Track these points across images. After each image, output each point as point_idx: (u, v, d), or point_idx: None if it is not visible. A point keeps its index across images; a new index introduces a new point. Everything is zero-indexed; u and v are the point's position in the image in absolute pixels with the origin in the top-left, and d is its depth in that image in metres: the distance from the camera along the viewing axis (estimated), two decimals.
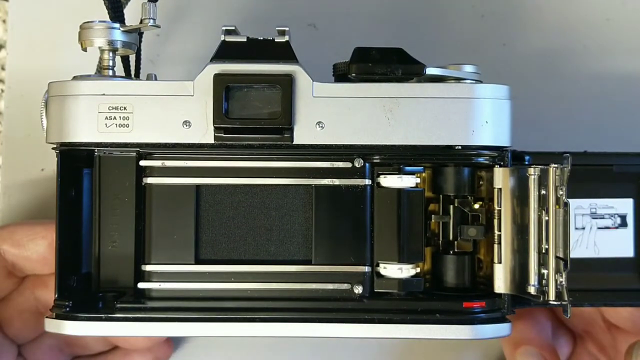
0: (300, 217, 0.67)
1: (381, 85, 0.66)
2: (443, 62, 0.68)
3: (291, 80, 0.65)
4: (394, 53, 0.66)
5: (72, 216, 0.67)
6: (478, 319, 0.66)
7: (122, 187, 0.68)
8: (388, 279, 0.67)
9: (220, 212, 0.67)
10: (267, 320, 0.66)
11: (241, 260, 0.67)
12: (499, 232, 0.68)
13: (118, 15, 0.71)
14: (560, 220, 0.63)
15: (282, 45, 0.67)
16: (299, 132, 0.66)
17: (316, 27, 0.85)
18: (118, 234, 0.68)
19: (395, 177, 0.67)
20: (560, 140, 0.82)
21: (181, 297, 0.67)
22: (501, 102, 0.66)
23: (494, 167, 0.68)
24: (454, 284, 0.69)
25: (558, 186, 0.63)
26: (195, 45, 0.84)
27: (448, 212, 0.69)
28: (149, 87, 0.66)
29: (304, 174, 0.67)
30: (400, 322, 0.66)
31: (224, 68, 0.66)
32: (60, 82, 0.67)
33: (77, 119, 0.66)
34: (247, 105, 0.65)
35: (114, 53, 0.69)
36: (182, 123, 0.66)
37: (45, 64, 0.84)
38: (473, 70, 0.68)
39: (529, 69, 0.85)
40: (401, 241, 0.66)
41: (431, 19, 0.85)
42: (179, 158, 0.67)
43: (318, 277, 0.67)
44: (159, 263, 0.67)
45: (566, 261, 0.62)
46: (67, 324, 0.65)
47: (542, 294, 0.64)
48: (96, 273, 0.68)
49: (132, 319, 0.66)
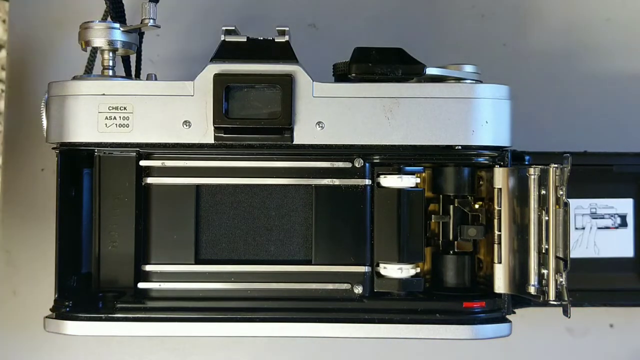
0: (300, 217, 0.67)
1: (381, 85, 0.66)
2: (443, 62, 0.68)
3: (291, 80, 0.65)
4: (394, 53, 0.66)
5: (72, 216, 0.67)
6: (478, 319, 0.66)
7: (122, 187, 0.68)
8: (388, 279, 0.67)
9: (220, 212, 0.68)
10: (267, 320, 0.66)
11: (241, 260, 0.67)
12: (499, 232, 0.68)
13: (118, 15, 0.71)
14: (560, 220, 0.63)
15: (282, 45, 0.67)
16: (299, 132, 0.66)
17: (316, 27, 0.85)
18: (118, 234, 0.68)
19: (395, 177, 0.67)
20: (560, 140, 0.82)
21: (181, 297, 0.67)
22: (501, 102, 0.66)
23: (494, 167, 0.68)
24: (454, 284, 0.69)
25: (558, 186, 0.63)
26: (195, 45, 0.84)
27: (448, 212, 0.69)
28: (149, 87, 0.66)
29: (304, 174, 0.67)
30: (400, 322, 0.66)
31: (224, 68, 0.66)
32: (60, 82, 0.67)
33: (77, 119, 0.66)
34: (247, 105, 0.65)
35: (114, 53, 0.69)
36: (182, 123, 0.66)
37: (45, 64, 0.84)
38: (473, 70, 0.68)
39: (529, 69, 0.85)
40: (401, 241, 0.66)
41: (431, 19, 0.85)
42: (179, 158, 0.67)
43: (318, 277, 0.67)
44: (159, 263, 0.67)
45: (566, 261, 0.62)
46: (67, 324, 0.65)
47: (542, 294, 0.64)
48: (96, 273, 0.68)
49: (132, 319, 0.66)
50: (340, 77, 0.67)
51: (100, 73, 0.69)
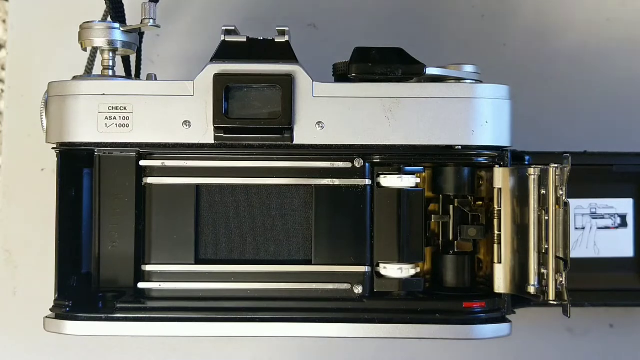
0: (300, 217, 0.67)
1: (381, 85, 0.66)
2: (443, 62, 0.68)
3: (291, 80, 0.65)
4: (394, 53, 0.66)
5: (72, 216, 0.67)
6: (478, 319, 0.66)
7: (122, 187, 0.68)
8: (388, 279, 0.67)
9: (220, 212, 0.68)
10: (267, 320, 0.66)
11: (241, 260, 0.67)
12: (499, 232, 0.68)
13: (118, 15, 0.72)
14: (560, 220, 0.63)
15: (282, 45, 0.67)
16: (299, 132, 0.66)
17: (316, 27, 0.85)
18: (118, 234, 0.68)
19: (395, 177, 0.67)
20: (560, 140, 0.82)
21: (181, 297, 0.67)
22: (501, 102, 0.66)
23: (494, 167, 0.68)
24: (454, 284, 0.69)
25: (558, 186, 0.63)
26: (195, 45, 0.84)
27: (448, 212, 0.69)
28: (149, 87, 0.66)
29: (304, 174, 0.67)
30: (400, 322, 0.66)
31: (224, 68, 0.66)
32: (60, 82, 0.67)
33: (77, 119, 0.66)
34: (247, 105, 0.65)
35: (114, 53, 0.69)
36: (182, 123, 0.66)
37: (45, 64, 0.84)
38: (473, 70, 0.68)
39: (529, 69, 0.85)
40: (401, 241, 0.66)
41: (431, 19, 0.85)
42: (179, 158, 0.67)
43: (318, 277, 0.67)
44: (159, 263, 0.67)
45: (566, 261, 0.62)
46: (67, 324, 0.65)
47: (542, 294, 0.64)
48: (96, 273, 0.68)
49: (132, 319, 0.66)
50: (340, 77, 0.67)
51: (100, 73, 0.69)
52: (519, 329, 0.73)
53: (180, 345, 0.83)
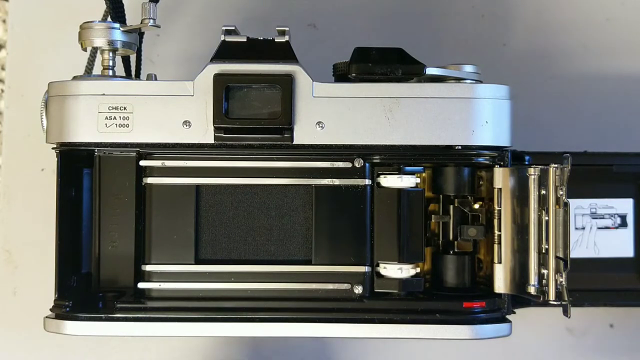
0: (300, 217, 0.67)
1: (381, 85, 0.66)
2: (443, 62, 0.68)
3: (291, 80, 0.65)
4: (394, 53, 0.66)
5: (72, 216, 0.67)
6: (478, 319, 0.66)
7: (122, 187, 0.68)
8: (388, 279, 0.67)
9: (220, 212, 0.68)
10: (267, 320, 0.66)
11: (241, 260, 0.67)
12: (499, 232, 0.68)
13: (118, 15, 0.71)
14: (560, 220, 0.63)
15: (282, 45, 0.67)
16: (299, 132, 0.66)
17: (316, 27, 0.85)
18: (118, 234, 0.68)
19: (395, 177, 0.67)
20: (560, 140, 0.82)
21: (181, 297, 0.67)
22: (501, 102, 0.66)
23: (494, 167, 0.68)
24: (454, 284, 0.69)
25: (558, 186, 0.63)
26: (195, 45, 0.84)
27: (448, 212, 0.69)
28: (149, 87, 0.66)
29: (304, 174, 0.67)
30: (400, 322, 0.66)
31: (224, 68, 0.66)
32: (60, 82, 0.67)
33: (77, 119, 0.66)
34: (247, 105, 0.65)
35: (114, 53, 0.69)
36: (182, 123, 0.66)
37: (45, 64, 0.84)
38: (473, 70, 0.68)
39: (529, 69, 0.85)
40: (401, 241, 0.66)
41: (431, 19, 0.85)
42: (179, 158, 0.67)
43: (318, 277, 0.67)
44: (159, 263, 0.67)
45: (566, 261, 0.62)
46: (67, 324, 0.65)
47: (542, 294, 0.64)
48: (96, 273, 0.68)
49: (132, 319, 0.66)
50: (340, 77, 0.67)
51: (100, 73, 0.69)
52: (519, 329, 0.73)
53: (181, 345, 0.83)
